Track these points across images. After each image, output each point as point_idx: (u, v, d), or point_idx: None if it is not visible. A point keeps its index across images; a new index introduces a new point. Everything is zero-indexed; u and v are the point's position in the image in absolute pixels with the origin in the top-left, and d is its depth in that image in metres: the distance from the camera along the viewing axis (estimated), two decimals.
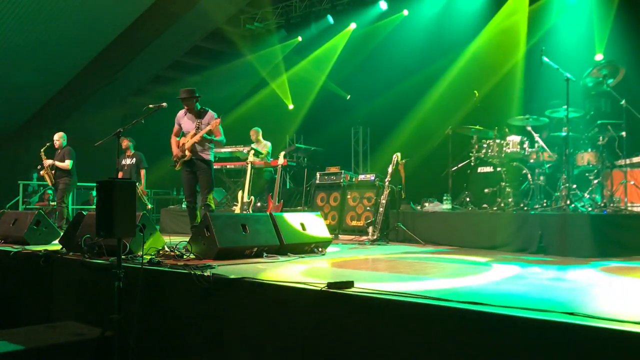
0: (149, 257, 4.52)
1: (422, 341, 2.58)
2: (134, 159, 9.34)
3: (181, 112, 6.30)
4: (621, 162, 6.24)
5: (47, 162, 8.41)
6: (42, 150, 8.48)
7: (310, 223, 5.47)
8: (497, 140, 6.89)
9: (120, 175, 9.08)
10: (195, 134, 6.04)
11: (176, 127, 6.31)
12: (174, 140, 6.28)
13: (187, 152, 6.05)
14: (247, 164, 8.49)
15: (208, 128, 6.01)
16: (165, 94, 13.24)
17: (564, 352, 2.18)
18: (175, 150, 6.18)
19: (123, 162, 9.41)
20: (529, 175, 6.53)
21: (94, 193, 11.28)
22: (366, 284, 3.06)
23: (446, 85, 9.47)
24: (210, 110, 6.21)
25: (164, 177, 13.33)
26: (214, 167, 6.72)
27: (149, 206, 9.62)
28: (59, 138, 8.54)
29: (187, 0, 11.73)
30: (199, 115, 6.14)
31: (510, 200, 6.49)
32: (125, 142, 9.35)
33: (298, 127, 12.49)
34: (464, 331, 2.46)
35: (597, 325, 2.14)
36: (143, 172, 9.30)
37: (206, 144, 6.11)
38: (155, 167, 9.73)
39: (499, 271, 4.13)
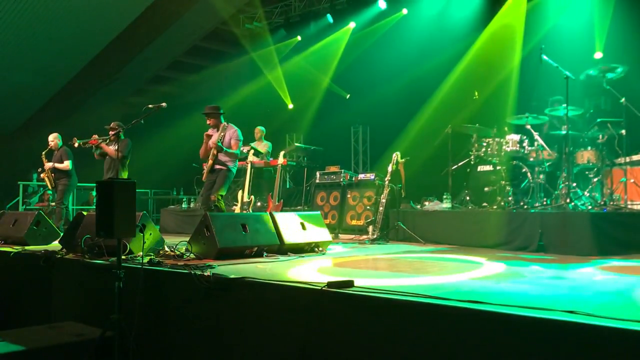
0: (149, 257, 4.52)
1: (423, 340, 2.58)
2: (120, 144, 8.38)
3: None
4: (621, 160, 6.24)
5: (48, 165, 8.35)
6: (43, 153, 8.41)
7: (310, 222, 5.47)
8: (497, 139, 6.88)
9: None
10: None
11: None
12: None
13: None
14: (247, 163, 8.47)
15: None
16: (165, 93, 13.26)
17: (565, 350, 2.17)
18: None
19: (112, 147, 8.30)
20: (529, 174, 6.52)
21: (94, 193, 11.22)
22: (366, 283, 3.06)
23: (446, 84, 9.45)
24: (231, 126, 6.60)
25: (164, 177, 13.34)
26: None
27: None
28: (53, 139, 8.48)
29: (186, 0, 11.72)
30: (220, 130, 6.59)
31: (510, 198, 6.49)
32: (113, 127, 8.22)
33: (298, 126, 12.47)
34: (464, 330, 2.46)
35: (598, 324, 2.14)
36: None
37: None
38: (156, 167, 9.69)
39: (499, 269, 4.12)
